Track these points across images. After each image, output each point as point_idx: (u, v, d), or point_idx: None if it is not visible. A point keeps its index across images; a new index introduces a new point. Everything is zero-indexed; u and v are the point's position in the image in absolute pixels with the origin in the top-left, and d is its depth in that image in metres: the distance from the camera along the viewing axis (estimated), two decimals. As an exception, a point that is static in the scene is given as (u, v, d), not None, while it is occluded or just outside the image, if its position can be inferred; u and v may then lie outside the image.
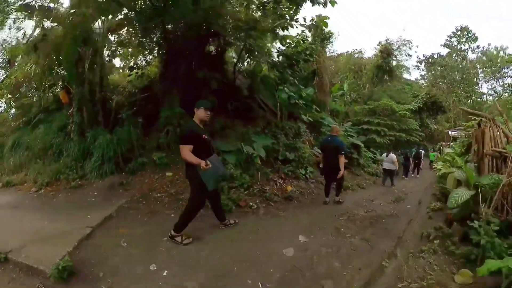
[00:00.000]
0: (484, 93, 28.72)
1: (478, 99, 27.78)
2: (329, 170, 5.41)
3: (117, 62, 11.24)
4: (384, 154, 10.19)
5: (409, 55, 24.50)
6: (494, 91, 27.34)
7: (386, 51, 19.34)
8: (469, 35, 30.15)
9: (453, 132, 14.00)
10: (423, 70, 31.57)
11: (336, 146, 5.24)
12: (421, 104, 21.68)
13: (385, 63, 19.43)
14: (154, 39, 8.31)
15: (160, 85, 8.01)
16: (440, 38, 73.37)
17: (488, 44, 29.34)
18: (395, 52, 21.22)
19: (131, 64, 10.33)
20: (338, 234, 3.88)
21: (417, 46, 32.27)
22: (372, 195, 7.23)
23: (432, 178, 13.48)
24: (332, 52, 29.51)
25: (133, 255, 3.03)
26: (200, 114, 3.26)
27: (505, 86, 26.17)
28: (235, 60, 9.40)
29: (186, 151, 3.02)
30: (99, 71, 6.95)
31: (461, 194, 3.20)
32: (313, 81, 14.31)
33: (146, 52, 9.74)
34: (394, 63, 21.16)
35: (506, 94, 25.40)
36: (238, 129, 7.21)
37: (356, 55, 24.36)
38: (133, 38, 8.67)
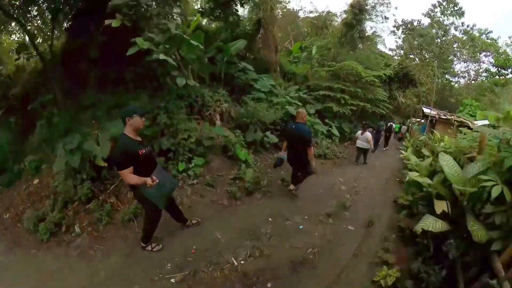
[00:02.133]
0: (456, 75, 27.33)
1: (451, 79, 26.32)
2: (294, 162, 4.99)
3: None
4: (359, 132, 9.19)
5: (385, 17, 21.47)
6: (467, 73, 26.29)
7: (358, 6, 16.25)
8: (456, 8, 26.96)
9: (427, 110, 11.70)
10: (399, 38, 28.93)
11: (302, 137, 4.51)
12: (392, 73, 19.48)
13: (355, 20, 16.27)
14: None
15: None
16: (423, 5, 68.90)
17: (474, 25, 26.87)
18: (370, 10, 18.01)
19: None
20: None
21: (395, 8, 28.88)
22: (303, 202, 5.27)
23: (396, 160, 11.54)
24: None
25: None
26: (136, 123, 2.82)
27: (480, 70, 25.22)
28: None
29: (126, 176, 2.76)
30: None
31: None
32: (258, 35, 11.02)
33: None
34: (367, 23, 18.05)
35: (480, 79, 24.83)
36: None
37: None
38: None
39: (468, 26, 26.79)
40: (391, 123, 18.15)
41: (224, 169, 6.00)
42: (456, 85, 25.46)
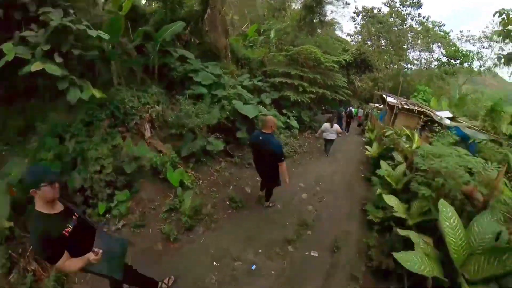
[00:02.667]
0: (410, 63, 28.41)
1: (405, 65, 27.24)
2: (264, 177, 4.54)
3: None
4: (327, 125, 8.72)
5: (347, 3, 20.98)
6: (419, 61, 27.25)
7: (319, -12, 15.23)
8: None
9: (391, 99, 11.36)
10: (358, 24, 28.92)
11: (272, 152, 3.76)
12: (352, 59, 19.33)
13: (316, 3, 15.37)
14: None
15: None
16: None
17: (428, 17, 27.84)
18: (330, -6, 17.23)
19: None
20: None
21: (357, -6, 29.04)
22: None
23: (358, 147, 11.18)
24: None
25: None
26: (46, 194, 1.92)
27: (431, 59, 26.58)
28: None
29: (62, 267, 2.02)
30: None
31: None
32: (205, 15, 9.59)
33: None
34: (328, 7, 17.33)
35: (430, 67, 26.06)
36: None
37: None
38: None
39: (424, 17, 27.71)
40: (350, 108, 18.19)
41: (157, 197, 4.77)
42: (409, 71, 26.37)
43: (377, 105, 18.77)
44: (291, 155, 8.35)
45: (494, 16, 5.07)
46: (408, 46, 25.01)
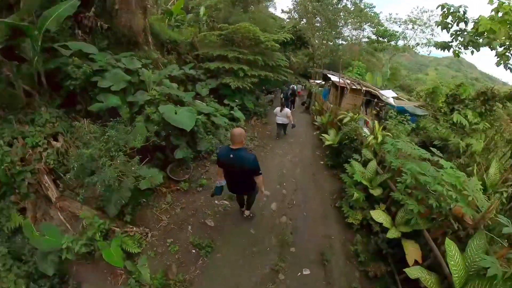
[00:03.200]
0: (345, 40, 29.35)
1: (340, 42, 28.12)
2: (239, 192, 4.20)
3: None
4: (278, 109, 8.76)
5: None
6: (351, 38, 28.02)
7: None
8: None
9: (335, 78, 10.98)
10: (295, 1, 28.15)
11: (247, 169, 3.45)
12: (293, 37, 18.73)
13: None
14: None
15: None
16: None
17: None
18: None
19: None
20: None
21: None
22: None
23: (308, 128, 10.73)
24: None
25: None
26: None
27: (361, 36, 27.86)
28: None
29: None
30: None
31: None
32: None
33: None
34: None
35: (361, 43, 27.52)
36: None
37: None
38: None
39: (357, -2, 29.04)
40: (293, 86, 17.87)
41: (106, 284, 3.40)
42: (340, 47, 27.42)
43: (318, 81, 18.70)
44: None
45: (437, 8, 5.52)
46: (342, 24, 25.56)
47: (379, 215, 3.95)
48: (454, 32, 5.86)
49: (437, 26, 5.86)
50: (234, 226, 4.46)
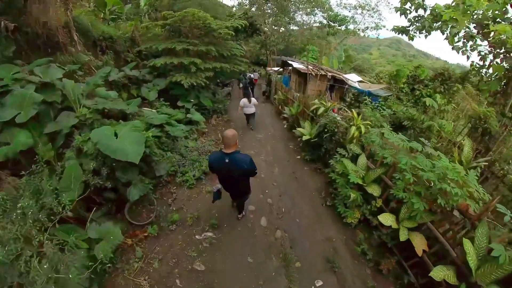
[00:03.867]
0: (298, 25, 29.16)
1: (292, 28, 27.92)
2: (235, 194, 3.95)
3: None
4: (245, 100, 8.61)
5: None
6: (302, 23, 27.78)
7: None
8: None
9: (298, 65, 10.54)
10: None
11: (244, 170, 3.28)
12: (247, 23, 17.81)
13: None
14: None
15: None
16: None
17: None
18: None
19: None
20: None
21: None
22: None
23: (273, 119, 10.27)
24: None
25: None
26: None
27: (312, 21, 27.81)
28: None
29: None
30: None
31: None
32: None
33: None
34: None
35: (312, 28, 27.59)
36: None
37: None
38: None
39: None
40: (250, 74, 17.24)
41: None
42: (292, 33, 27.35)
43: (275, 69, 18.22)
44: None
45: None
46: (294, 9, 25.21)
47: (386, 219, 3.75)
48: (412, 18, 6.22)
49: (396, 12, 6.14)
50: (228, 261, 3.72)
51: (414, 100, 6.87)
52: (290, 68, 13.47)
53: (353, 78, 10.14)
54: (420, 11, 6.09)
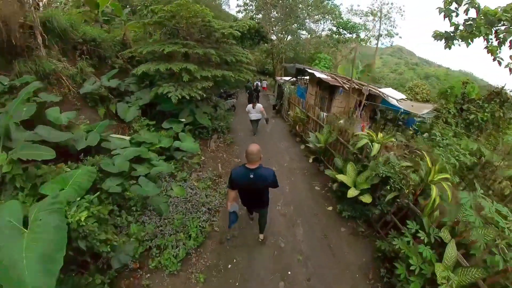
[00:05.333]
0: (309, 32, 28.03)
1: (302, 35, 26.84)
2: (256, 208, 3.87)
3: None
4: (250, 106, 8.64)
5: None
6: (312, 31, 26.99)
7: None
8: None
9: (321, 74, 9.12)
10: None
11: (270, 184, 3.26)
12: (253, 24, 16.61)
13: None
14: None
15: None
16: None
17: None
18: None
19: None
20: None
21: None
22: None
23: (283, 133, 9.78)
24: None
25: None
26: None
27: (321, 28, 27.12)
28: None
29: None
30: None
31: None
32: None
33: None
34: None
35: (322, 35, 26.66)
36: None
37: None
38: None
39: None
40: (257, 82, 17.06)
41: None
42: (301, 41, 26.28)
43: (285, 78, 16.66)
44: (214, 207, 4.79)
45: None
46: (304, 15, 24.12)
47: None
48: (455, 22, 5.00)
49: (440, 13, 5.19)
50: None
51: (464, 124, 5.42)
52: (307, 78, 11.82)
53: (393, 95, 8.39)
54: (471, 13, 4.98)
